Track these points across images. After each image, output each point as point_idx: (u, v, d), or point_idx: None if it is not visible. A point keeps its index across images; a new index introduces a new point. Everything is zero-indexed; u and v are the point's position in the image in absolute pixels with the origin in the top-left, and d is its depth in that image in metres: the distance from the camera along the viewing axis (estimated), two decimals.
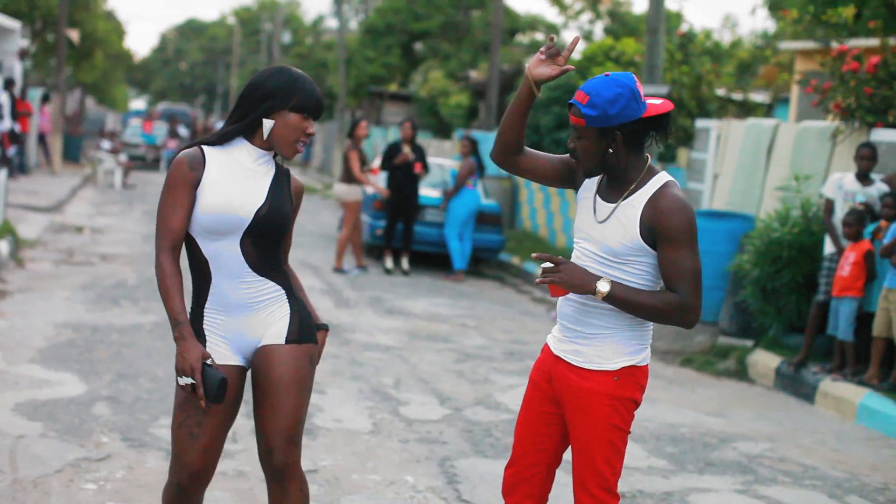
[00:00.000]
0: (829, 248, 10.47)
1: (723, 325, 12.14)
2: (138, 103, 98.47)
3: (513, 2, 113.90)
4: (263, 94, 4.30)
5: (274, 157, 4.44)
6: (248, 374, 4.49)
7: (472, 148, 16.97)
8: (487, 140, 22.77)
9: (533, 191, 21.01)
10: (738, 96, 17.05)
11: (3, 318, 10.70)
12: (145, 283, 13.47)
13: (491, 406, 8.85)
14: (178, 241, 4.29)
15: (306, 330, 4.43)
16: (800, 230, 11.02)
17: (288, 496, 4.39)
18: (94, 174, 32.16)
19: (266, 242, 4.33)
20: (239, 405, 4.46)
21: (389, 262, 16.68)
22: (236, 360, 4.40)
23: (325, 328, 4.60)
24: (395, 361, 10.29)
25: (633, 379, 4.31)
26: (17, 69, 27.67)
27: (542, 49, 4.32)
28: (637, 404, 4.37)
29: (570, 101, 4.25)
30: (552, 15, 71.41)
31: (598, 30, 36.24)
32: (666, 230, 4.13)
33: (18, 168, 26.39)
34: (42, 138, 31.67)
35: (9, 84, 25.10)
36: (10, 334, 9.99)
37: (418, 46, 37.79)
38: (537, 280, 4.26)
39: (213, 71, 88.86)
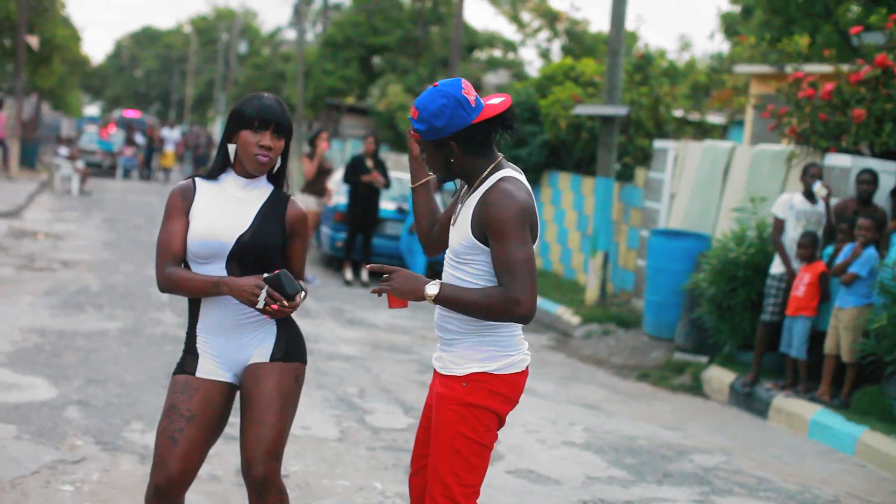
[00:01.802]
0: (776, 268, 10.73)
1: (678, 341, 12.39)
2: (92, 109, 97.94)
3: (471, 18, 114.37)
4: (228, 121, 4.56)
5: (276, 187, 4.65)
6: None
7: None
8: None
9: None
10: (694, 117, 17.33)
11: None
12: (108, 289, 13.56)
13: None
14: (178, 260, 4.52)
15: (293, 349, 4.62)
16: (755, 251, 11.29)
17: None
18: (50, 180, 32.05)
19: (252, 267, 4.50)
20: (225, 421, 4.62)
21: (349, 274, 16.83)
22: (226, 378, 4.60)
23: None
24: (358, 371, 10.46)
25: (485, 386, 4.20)
26: None
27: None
28: (494, 413, 4.24)
29: (408, 117, 4.29)
30: (510, 32, 71.75)
31: (556, 48, 36.55)
32: (490, 222, 4.06)
33: None
34: (1, 143, 31.57)
35: None
36: None
37: (377, 60, 37.96)
38: (371, 290, 4.26)
39: (169, 79, 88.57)
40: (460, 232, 4.22)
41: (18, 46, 30.97)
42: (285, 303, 4.33)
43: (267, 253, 4.52)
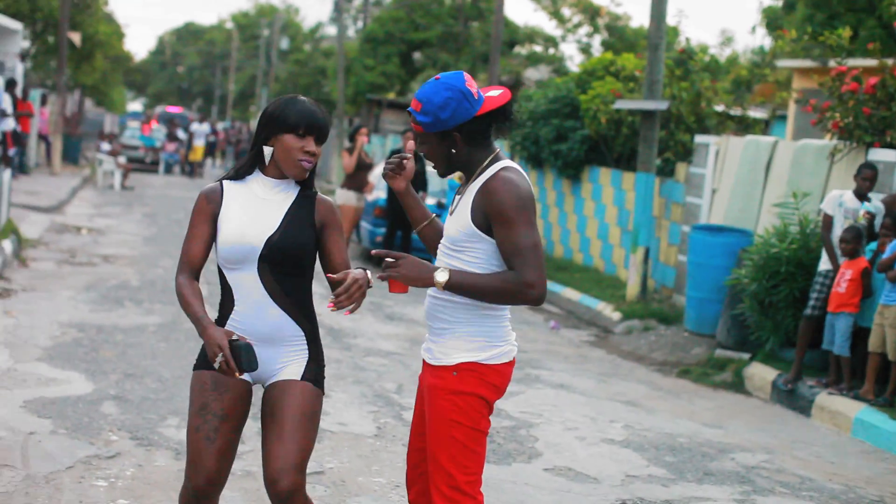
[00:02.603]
0: (824, 264, 10.58)
1: (720, 337, 12.26)
2: (135, 105, 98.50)
3: (512, 13, 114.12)
4: (263, 122, 4.46)
5: (302, 187, 4.57)
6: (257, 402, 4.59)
7: None
8: None
9: (547, 206, 21.12)
10: (736, 112, 17.17)
11: (9, 316, 10.80)
12: (148, 284, 13.58)
13: (492, 413, 8.94)
14: (195, 269, 4.45)
15: (320, 376, 4.55)
16: (798, 246, 11.15)
17: None
18: (93, 175, 32.24)
19: (286, 270, 4.42)
20: (247, 415, 4.55)
21: None
22: (249, 379, 4.52)
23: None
24: (396, 367, 10.40)
25: (476, 375, 4.25)
26: (18, 70, 27.74)
27: (392, 168, 4.53)
28: (486, 401, 4.27)
29: (408, 110, 4.32)
30: (550, 27, 71.47)
31: (597, 43, 36.37)
32: (494, 210, 4.13)
33: (18, 168, 26.47)
34: (45, 139, 31.75)
35: (11, 85, 25.19)
36: (16, 333, 10.09)
37: (417, 56, 37.92)
38: (378, 276, 4.27)
39: (211, 75, 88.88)
40: (459, 220, 4.27)
41: (61, 43, 31.14)
42: (236, 374, 4.23)
43: (298, 253, 4.43)
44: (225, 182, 4.53)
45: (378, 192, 17.76)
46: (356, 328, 12.11)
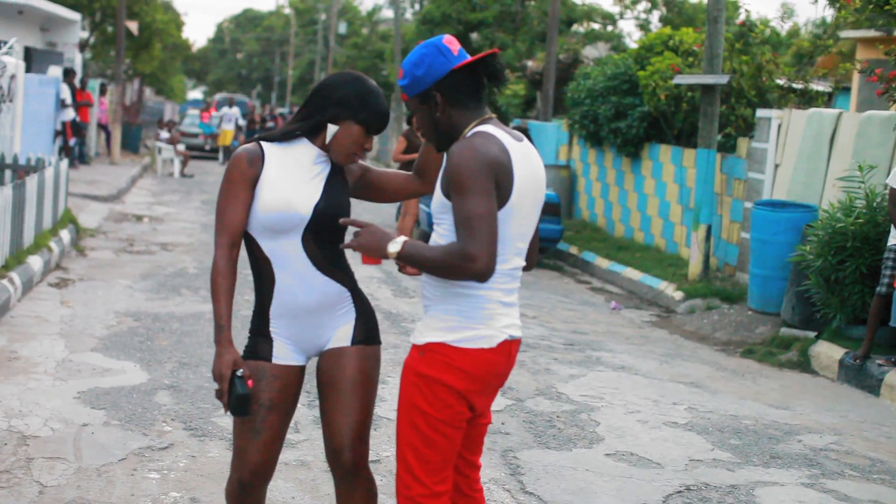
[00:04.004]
0: (893, 239, 10.29)
1: (785, 315, 12.01)
2: (195, 94, 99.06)
3: None
4: (333, 101, 4.27)
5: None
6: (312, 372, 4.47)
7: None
8: (542, 129, 22.71)
9: (591, 180, 20.92)
10: (798, 85, 16.83)
11: (66, 306, 10.78)
12: (205, 271, 13.53)
13: (552, 397, 8.80)
14: (237, 237, 4.26)
15: (373, 331, 4.40)
16: (864, 221, 10.87)
17: (356, 495, 4.35)
18: (152, 164, 32.37)
19: (328, 238, 4.28)
20: (296, 403, 4.42)
21: None
22: (299, 361, 4.37)
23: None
24: None
25: (441, 358, 3.89)
26: (77, 60, 27.91)
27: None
28: (452, 389, 3.89)
29: (397, 81, 4.14)
30: (608, 4, 71.01)
31: (655, 19, 35.99)
32: (448, 176, 3.83)
33: (79, 157, 26.63)
34: (104, 128, 31.93)
35: (69, 75, 25.32)
36: (72, 323, 10.05)
37: (474, 36, 37.64)
38: (341, 245, 4.10)
39: (270, 61, 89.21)
40: (436, 190, 4.02)
41: (119, 32, 31.31)
42: (223, 399, 4.14)
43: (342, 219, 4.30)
44: (265, 144, 4.32)
45: None
46: (414, 312, 11.98)
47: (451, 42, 4.04)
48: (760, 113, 14.51)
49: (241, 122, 41.31)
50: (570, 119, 21.01)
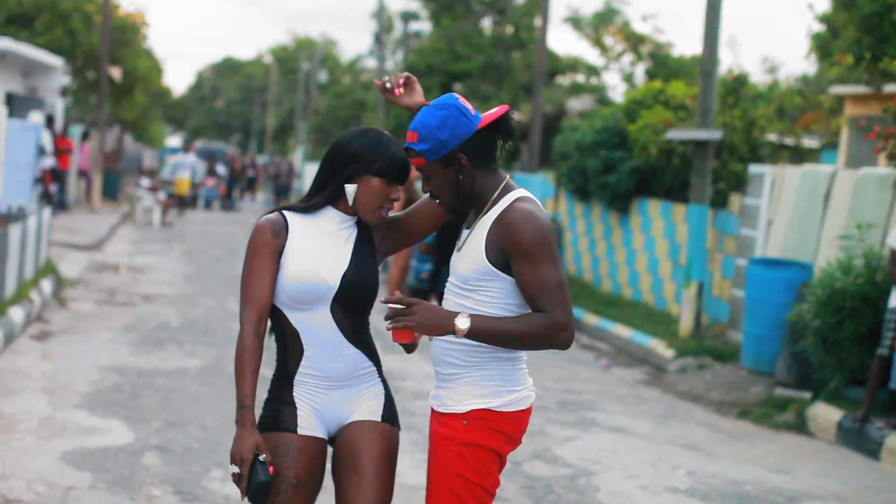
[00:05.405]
0: (894, 300, 10.14)
1: (780, 375, 11.82)
2: (174, 140, 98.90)
3: (553, 43, 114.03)
4: (346, 158, 4.11)
5: (356, 219, 4.23)
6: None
7: None
8: (529, 182, 22.59)
9: (578, 234, 20.77)
10: (790, 141, 16.73)
11: (48, 360, 10.52)
12: (189, 325, 13.28)
13: (549, 460, 8.58)
14: (264, 311, 4.08)
15: (395, 414, 4.26)
16: (863, 280, 10.71)
17: None
18: (132, 212, 32.11)
19: (357, 308, 4.12)
20: (323, 474, 4.21)
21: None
22: (323, 434, 4.17)
23: None
24: None
25: (488, 424, 3.91)
26: (58, 106, 27.72)
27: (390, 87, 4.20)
28: (496, 454, 3.94)
29: (406, 145, 3.99)
30: (593, 56, 71.13)
31: (640, 72, 36.03)
32: (515, 245, 3.82)
33: (58, 205, 26.37)
34: (85, 175, 31.69)
35: (50, 121, 25.12)
36: (55, 378, 9.81)
37: (458, 87, 37.66)
38: (388, 327, 3.89)
39: (250, 109, 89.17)
40: (472, 257, 3.93)
41: (101, 79, 31.15)
42: (242, 483, 3.95)
43: (371, 289, 4.14)
44: (287, 213, 4.16)
45: None
46: (404, 370, 11.74)
47: (465, 101, 3.95)
48: (753, 169, 14.39)
49: (222, 172, 41.12)
50: (557, 172, 20.87)
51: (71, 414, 8.60)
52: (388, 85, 4.19)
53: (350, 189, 4.11)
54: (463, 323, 3.79)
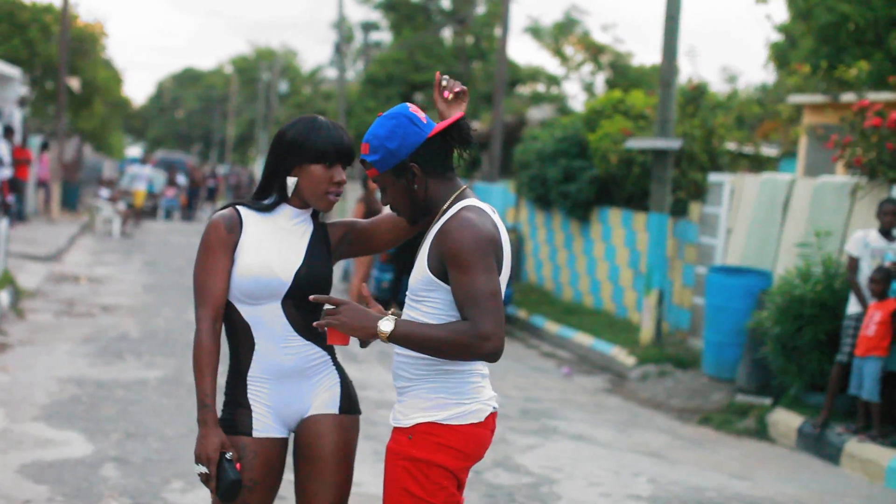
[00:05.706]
0: (853, 307, 10.20)
1: (740, 382, 11.87)
2: (134, 150, 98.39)
3: (513, 53, 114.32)
4: (283, 150, 4.09)
5: (313, 213, 4.21)
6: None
7: None
8: (489, 192, 22.59)
9: (539, 243, 20.79)
10: (748, 150, 16.82)
11: (5, 372, 10.42)
12: (148, 336, 13.19)
13: (511, 468, 8.57)
14: (220, 308, 4.05)
15: (354, 399, 4.21)
16: (822, 287, 10.77)
17: None
18: (92, 222, 31.89)
19: (310, 304, 4.06)
20: (282, 472, 4.18)
21: None
22: (280, 433, 4.14)
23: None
24: None
25: (434, 439, 3.79)
26: (16, 116, 27.50)
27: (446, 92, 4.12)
28: (445, 470, 3.81)
29: (361, 157, 3.94)
30: (553, 66, 71.33)
31: (600, 81, 36.15)
32: (448, 252, 3.71)
33: (16, 216, 26.15)
34: (45, 185, 31.46)
35: (8, 132, 24.93)
36: (12, 390, 9.71)
37: (419, 97, 37.67)
38: (314, 324, 3.87)
39: (210, 119, 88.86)
40: (418, 267, 3.87)
41: (60, 89, 30.95)
42: (211, 483, 3.93)
43: (324, 285, 4.10)
44: (241, 209, 4.13)
45: None
46: (365, 379, 11.71)
47: (416, 110, 3.91)
48: (713, 177, 14.45)
49: (183, 182, 40.96)
50: (518, 181, 20.89)
51: (28, 426, 8.52)
52: (444, 83, 4.12)
53: (290, 182, 4.08)
54: (386, 326, 3.73)
